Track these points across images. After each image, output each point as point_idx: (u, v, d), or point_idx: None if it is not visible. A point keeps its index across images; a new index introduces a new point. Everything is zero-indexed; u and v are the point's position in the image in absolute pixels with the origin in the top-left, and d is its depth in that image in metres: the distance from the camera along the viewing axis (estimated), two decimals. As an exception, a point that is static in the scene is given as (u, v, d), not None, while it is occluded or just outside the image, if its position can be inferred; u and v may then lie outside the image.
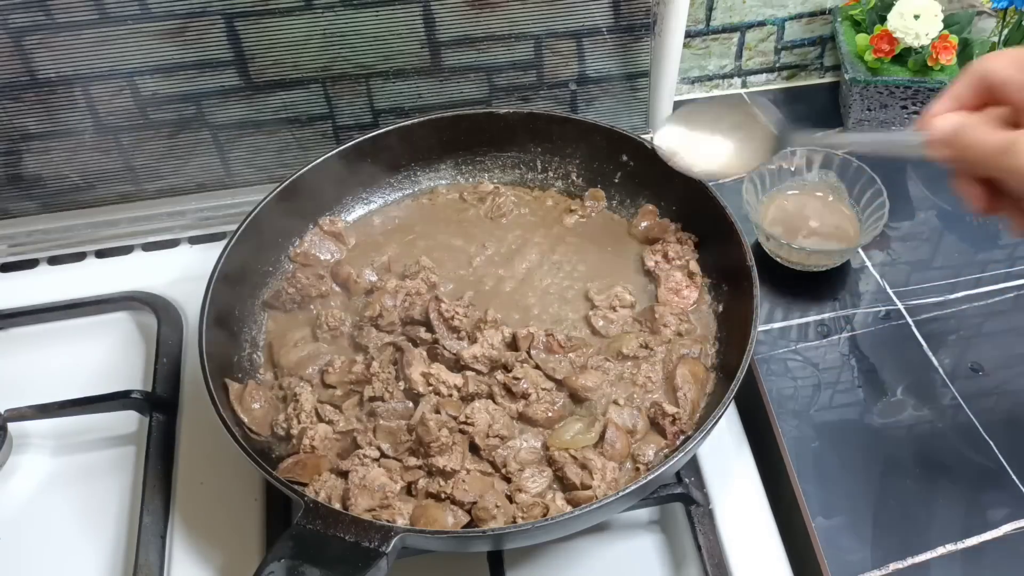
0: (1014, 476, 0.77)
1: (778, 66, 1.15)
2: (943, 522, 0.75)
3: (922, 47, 0.99)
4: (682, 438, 0.75)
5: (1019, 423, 0.81)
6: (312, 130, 1.03)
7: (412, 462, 0.73)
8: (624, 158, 0.93)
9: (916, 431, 0.81)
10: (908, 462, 0.79)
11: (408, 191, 0.98)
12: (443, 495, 0.71)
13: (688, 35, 1.07)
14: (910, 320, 0.89)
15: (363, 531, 0.63)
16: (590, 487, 0.70)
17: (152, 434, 0.84)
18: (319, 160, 0.89)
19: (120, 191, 1.04)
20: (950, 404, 0.83)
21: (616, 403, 0.77)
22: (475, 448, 0.74)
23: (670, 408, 0.76)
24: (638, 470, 0.73)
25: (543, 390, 0.77)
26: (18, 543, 0.81)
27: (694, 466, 0.81)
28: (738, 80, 1.16)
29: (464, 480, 0.71)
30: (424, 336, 0.80)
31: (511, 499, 0.71)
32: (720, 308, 0.84)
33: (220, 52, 0.93)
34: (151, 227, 1.04)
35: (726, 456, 0.82)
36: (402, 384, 0.77)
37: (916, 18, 0.98)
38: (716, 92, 1.16)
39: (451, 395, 0.76)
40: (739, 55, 1.13)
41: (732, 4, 1.07)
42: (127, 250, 1.03)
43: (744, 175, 0.77)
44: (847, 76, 1.04)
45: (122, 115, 0.97)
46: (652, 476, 0.67)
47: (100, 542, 0.80)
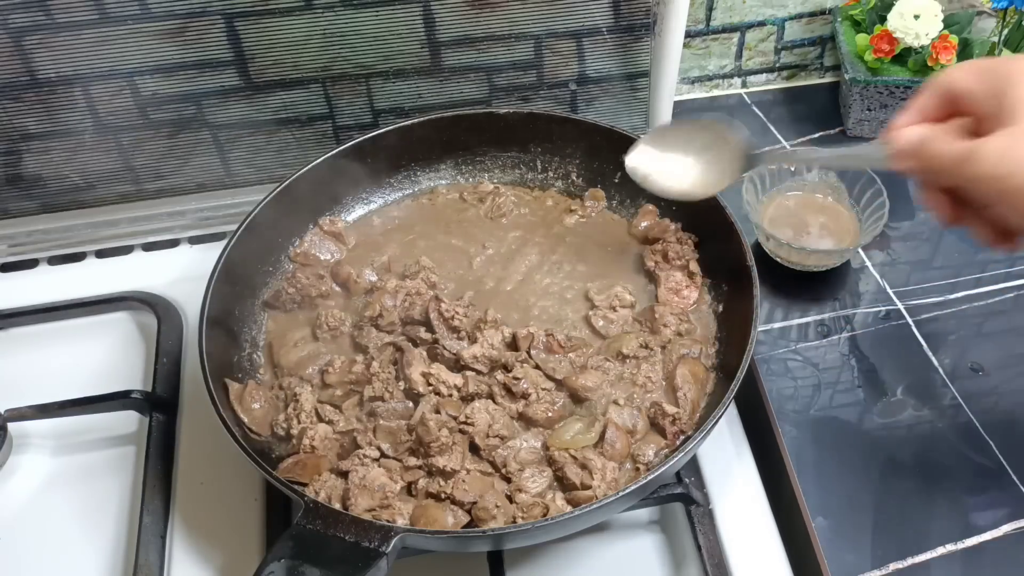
0: (1014, 476, 0.77)
1: (778, 66, 1.15)
2: (943, 522, 0.75)
3: (922, 47, 0.99)
4: (682, 438, 0.75)
5: (1019, 423, 0.81)
6: (312, 130, 1.02)
7: (412, 462, 0.73)
8: (624, 158, 0.93)
9: (916, 431, 0.81)
10: (908, 462, 0.79)
11: (408, 191, 0.98)
12: (443, 495, 0.71)
13: (688, 35, 1.08)
14: (910, 320, 0.89)
15: (363, 531, 0.63)
16: (590, 487, 0.70)
17: (152, 434, 0.83)
18: (319, 160, 0.89)
19: (120, 191, 1.04)
20: (950, 404, 0.83)
21: (616, 403, 0.77)
22: (475, 448, 0.74)
23: (670, 408, 0.76)
24: (638, 470, 0.73)
25: (543, 390, 0.76)
26: (18, 543, 0.81)
27: (694, 466, 0.80)
28: (738, 80, 1.16)
29: (464, 480, 0.71)
30: (424, 336, 0.80)
31: (511, 499, 0.71)
32: (720, 308, 0.84)
33: (220, 52, 0.93)
34: (151, 227, 1.05)
35: (726, 456, 0.82)
36: (402, 384, 0.77)
37: (916, 18, 0.98)
38: (716, 92, 1.16)
39: (451, 395, 0.76)
40: (739, 55, 1.13)
41: (732, 4, 1.07)
42: (127, 250, 1.03)
43: (714, 195, 0.78)
44: (847, 76, 1.04)
45: (122, 115, 0.97)
46: (652, 476, 0.67)
47: (100, 542, 0.80)
